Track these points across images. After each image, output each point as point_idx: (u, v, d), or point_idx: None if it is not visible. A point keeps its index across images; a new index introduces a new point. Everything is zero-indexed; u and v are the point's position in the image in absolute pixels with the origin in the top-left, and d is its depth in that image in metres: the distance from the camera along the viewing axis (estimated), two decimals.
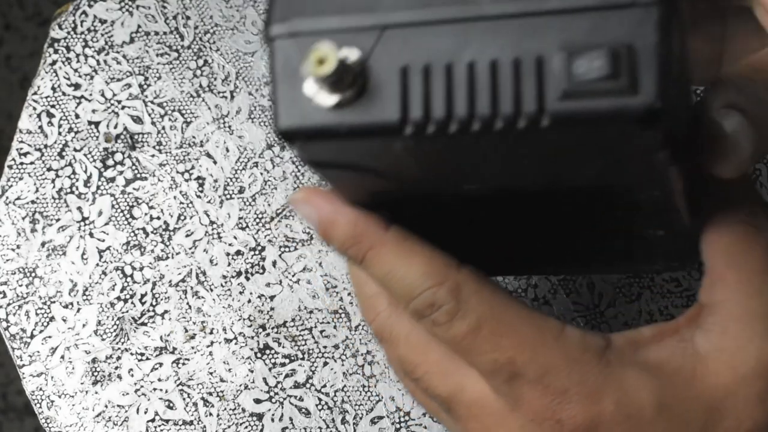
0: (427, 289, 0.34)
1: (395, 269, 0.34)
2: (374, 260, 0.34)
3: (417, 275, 0.34)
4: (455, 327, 0.34)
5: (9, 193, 0.55)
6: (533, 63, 0.28)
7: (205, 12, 0.57)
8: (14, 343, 0.53)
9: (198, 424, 0.53)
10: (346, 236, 0.34)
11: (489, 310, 0.34)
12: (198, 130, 0.56)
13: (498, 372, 0.34)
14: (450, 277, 0.34)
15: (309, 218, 0.35)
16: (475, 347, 0.34)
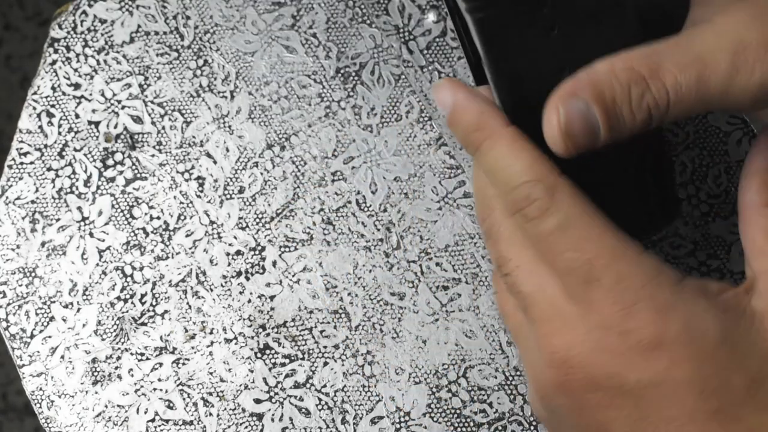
0: (526, 182, 0.37)
1: (503, 159, 0.37)
2: (488, 149, 0.38)
3: (521, 168, 0.37)
4: (545, 222, 0.36)
5: (9, 193, 0.55)
6: None
7: (205, 12, 0.57)
8: (14, 343, 0.53)
9: (198, 424, 0.53)
10: (471, 122, 0.38)
11: (579, 214, 0.36)
12: (198, 130, 0.56)
13: (575, 272, 0.36)
14: (550, 177, 0.37)
15: (444, 102, 0.40)
16: (560, 244, 0.36)
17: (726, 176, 0.55)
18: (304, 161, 0.55)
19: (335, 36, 0.56)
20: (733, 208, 0.55)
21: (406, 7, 0.57)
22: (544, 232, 0.37)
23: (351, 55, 0.56)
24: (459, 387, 0.53)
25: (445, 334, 0.53)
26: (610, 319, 0.35)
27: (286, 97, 0.56)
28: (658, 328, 0.35)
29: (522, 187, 0.37)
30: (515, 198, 0.37)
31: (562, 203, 0.36)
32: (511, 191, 0.37)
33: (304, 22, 0.57)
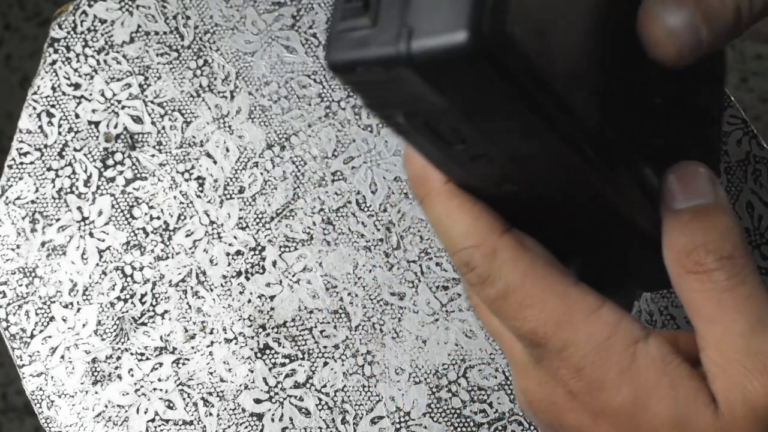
0: (464, 249, 0.35)
1: (443, 220, 0.36)
2: (427, 206, 0.36)
3: (460, 232, 0.35)
4: (485, 290, 0.35)
5: (9, 193, 0.55)
6: None
7: (205, 12, 0.57)
8: (14, 343, 0.53)
9: (198, 424, 0.53)
10: (413, 174, 0.37)
11: (519, 280, 0.35)
12: (198, 130, 0.56)
13: (522, 336, 0.35)
14: (488, 241, 0.35)
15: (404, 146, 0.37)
16: (502, 311, 0.35)
17: (726, 176, 0.55)
18: (304, 161, 0.55)
19: None
20: (733, 208, 0.55)
21: None
22: (486, 299, 0.35)
23: None
24: (459, 387, 0.53)
25: (445, 334, 0.53)
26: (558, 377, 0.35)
27: (286, 97, 0.56)
28: (602, 399, 0.34)
29: (461, 254, 0.36)
30: (457, 263, 0.36)
31: (500, 270, 0.35)
32: (454, 255, 0.36)
33: (304, 22, 0.57)
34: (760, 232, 0.55)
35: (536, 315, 0.34)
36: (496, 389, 0.53)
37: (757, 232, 0.55)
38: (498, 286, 0.35)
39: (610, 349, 0.34)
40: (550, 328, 0.34)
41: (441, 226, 0.36)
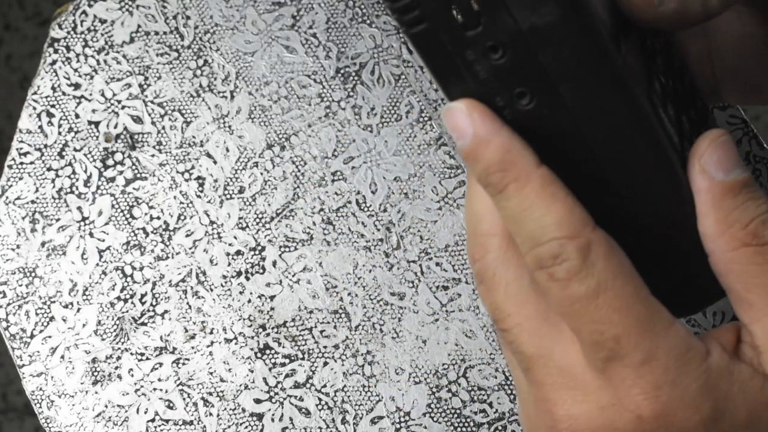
0: (557, 239, 0.32)
1: (533, 208, 0.32)
2: (516, 193, 0.33)
3: (552, 221, 0.32)
4: (572, 287, 0.32)
5: (9, 192, 0.55)
6: None
7: (205, 12, 0.57)
8: (14, 343, 0.53)
9: (198, 424, 0.53)
10: (495, 159, 0.33)
11: (612, 280, 0.32)
12: (198, 130, 0.56)
13: (600, 345, 0.32)
14: (584, 233, 0.32)
15: (460, 130, 0.33)
16: (586, 313, 0.32)
17: None
18: (304, 161, 0.55)
19: (335, 36, 0.56)
20: None
21: None
22: (571, 297, 0.32)
23: (351, 55, 0.56)
24: (459, 387, 0.53)
25: (445, 334, 0.53)
26: (628, 400, 0.32)
27: (286, 97, 0.56)
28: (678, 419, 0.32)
29: (551, 244, 0.32)
30: (541, 255, 0.33)
31: (594, 267, 0.32)
32: (538, 246, 0.33)
33: (304, 22, 0.57)
34: None
35: (623, 320, 0.32)
36: (496, 389, 0.53)
37: None
38: (589, 283, 0.32)
39: (689, 364, 0.33)
40: (634, 338, 0.32)
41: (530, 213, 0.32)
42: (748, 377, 0.33)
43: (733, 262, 0.33)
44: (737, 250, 0.33)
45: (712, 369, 0.33)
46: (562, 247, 0.32)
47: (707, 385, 0.33)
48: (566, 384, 0.34)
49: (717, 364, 0.33)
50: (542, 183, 0.33)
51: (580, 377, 0.33)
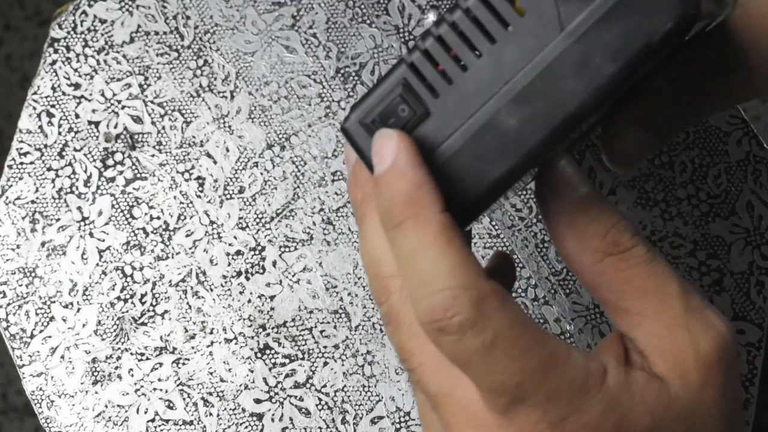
0: (447, 290, 0.31)
1: (428, 251, 0.32)
2: (413, 231, 0.32)
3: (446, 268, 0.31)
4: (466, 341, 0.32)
5: (9, 193, 0.55)
6: None
7: (205, 12, 0.57)
8: (14, 343, 0.53)
9: (198, 424, 0.53)
10: (403, 192, 0.32)
11: (508, 329, 0.32)
12: (198, 130, 0.56)
13: (501, 393, 0.32)
14: (478, 285, 0.31)
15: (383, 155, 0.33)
16: (484, 366, 0.32)
17: (726, 176, 0.55)
18: (304, 161, 0.55)
19: (335, 36, 0.56)
20: (733, 208, 0.55)
21: (406, 7, 0.57)
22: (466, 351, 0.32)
23: (351, 55, 0.56)
24: None
25: None
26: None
27: (286, 97, 0.56)
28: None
29: (441, 296, 0.31)
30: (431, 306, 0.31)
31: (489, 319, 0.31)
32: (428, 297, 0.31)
33: (304, 22, 0.57)
34: (760, 232, 0.55)
35: (524, 366, 0.32)
36: None
37: (757, 232, 0.55)
38: (485, 336, 0.31)
39: (590, 390, 0.33)
40: (536, 381, 0.32)
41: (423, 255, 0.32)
42: (644, 384, 0.34)
43: (601, 274, 0.34)
44: (602, 262, 0.33)
45: (611, 386, 0.33)
46: (453, 300, 0.31)
47: (609, 404, 0.33)
48: (470, 423, 0.34)
49: (615, 380, 0.33)
50: (441, 228, 0.32)
51: (481, 417, 0.33)
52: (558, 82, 0.32)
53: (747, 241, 0.54)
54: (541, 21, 0.32)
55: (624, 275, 0.34)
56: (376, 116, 0.34)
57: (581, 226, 0.34)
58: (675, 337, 0.33)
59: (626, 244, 0.34)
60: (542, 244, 0.54)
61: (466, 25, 0.32)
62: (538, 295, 0.54)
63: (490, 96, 0.32)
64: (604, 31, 0.31)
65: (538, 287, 0.54)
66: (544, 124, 0.32)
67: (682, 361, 0.33)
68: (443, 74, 0.33)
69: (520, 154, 0.32)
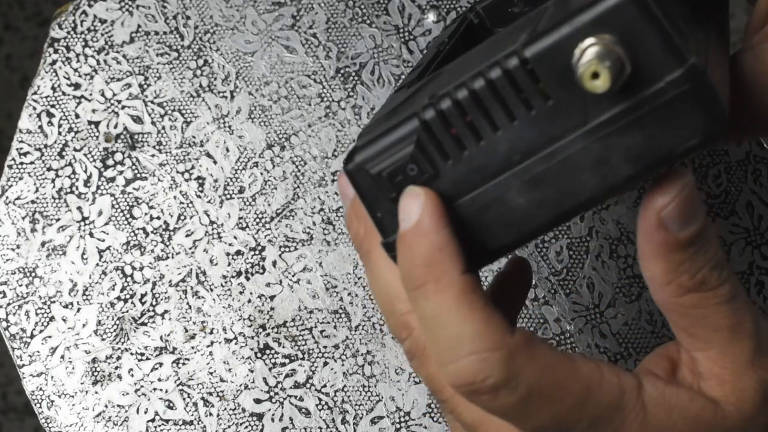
0: (476, 353, 0.31)
1: (450, 315, 0.31)
2: (434, 295, 0.32)
3: (470, 332, 0.31)
4: (501, 398, 0.31)
5: (9, 192, 0.55)
6: None
7: (205, 12, 0.57)
8: (14, 343, 0.53)
9: (198, 424, 0.53)
10: (424, 255, 0.32)
11: (541, 378, 0.31)
12: (198, 130, 0.56)
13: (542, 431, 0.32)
14: (505, 343, 0.31)
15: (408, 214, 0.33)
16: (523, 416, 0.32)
17: (726, 176, 0.55)
18: (304, 161, 0.55)
19: (335, 36, 0.56)
20: (733, 208, 0.55)
21: (406, 7, 0.57)
22: (503, 407, 0.31)
23: (351, 55, 0.56)
24: None
25: None
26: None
27: (286, 97, 0.56)
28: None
29: (470, 360, 0.31)
30: (460, 371, 0.31)
31: (521, 374, 0.31)
32: (456, 361, 0.31)
33: (304, 22, 0.57)
34: (760, 232, 0.55)
35: (562, 406, 0.32)
36: None
37: (757, 232, 0.55)
38: (520, 391, 0.31)
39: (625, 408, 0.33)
40: (575, 414, 0.32)
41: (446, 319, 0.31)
42: (687, 400, 0.33)
43: (679, 306, 0.33)
44: (683, 297, 0.33)
45: (646, 402, 0.33)
46: (482, 363, 0.31)
47: (646, 420, 0.33)
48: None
49: (651, 395, 0.33)
50: (462, 290, 0.32)
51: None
52: (574, 173, 0.31)
53: (747, 241, 0.54)
54: (566, 110, 0.31)
55: (702, 312, 0.33)
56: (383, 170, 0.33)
57: (676, 261, 0.32)
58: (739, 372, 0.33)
59: (713, 283, 0.33)
60: (542, 243, 0.54)
61: (487, 97, 0.31)
62: (538, 295, 0.54)
63: (503, 171, 0.32)
64: (628, 136, 0.30)
65: (538, 287, 0.54)
66: (552, 210, 0.31)
67: (741, 390, 0.33)
68: (457, 140, 0.32)
69: (523, 232, 0.32)
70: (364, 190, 0.34)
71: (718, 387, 0.34)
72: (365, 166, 0.33)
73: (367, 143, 0.33)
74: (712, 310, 0.33)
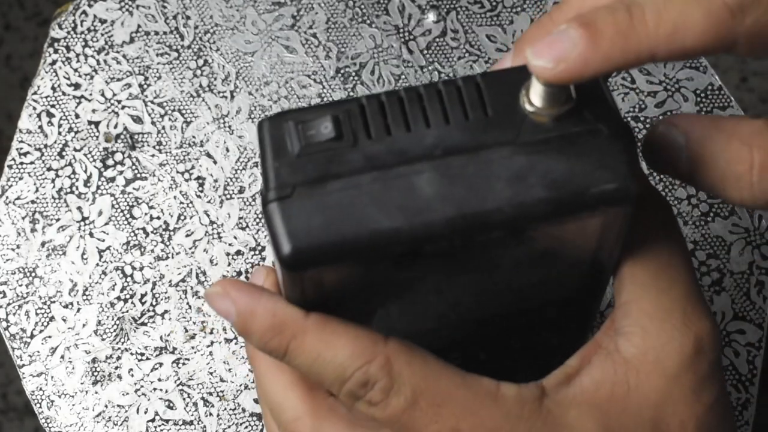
0: (358, 369, 0.33)
1: (322, 354, 0.33)
2: (299, 349, 0.33)
3: (345, 356, 0.33)
4: (392, 404, 0.33)
5: (9, 193, 0.55)
6: None
7: (205, 12, 0.57)
8: (14, 343, 0.53)
9: (198, 424, 0.53)
10: (265, 327, 0.33)
11: (423, 381, 0.33)
12: (198, 130, 0.56)
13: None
14: (378, 352, 0.33)
15: (227, 314, 0.34)
16: (416, 421, 0.33)
17: None
18: None
19: (335, 36, 0.56)
20: (733, 208, 0.55)
21: (406, 7, 0.57)
22: (396, 412, 0.33)
23: (351, 55, 0.56)
24: None
25: None
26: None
27: (286, 97, 0.56)
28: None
29: (356, 376, 0.33)
30: (352, 389, 0.33)
31: (402, 376, 0.33)
32: (345, 383, 0.33)
33: (304, 22, 0.57)
34: (760, 232, 0.55)
35: (453, 411, 0.33)
36: None
37: (757, 232, 0.55)
38: (405, 394, 0.33)
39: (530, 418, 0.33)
40: (471, 420, 0.33)
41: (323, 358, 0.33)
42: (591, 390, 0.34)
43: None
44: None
45: (550, 410, 0.33)
46: (366, 374, 0.33)
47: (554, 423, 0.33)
48: None
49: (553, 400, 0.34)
50: (318, 328, 0.33)
51: None
52: (489, 179, 0.31)
53: (747, 241, 0.54)
54: (501, 124, 0.32)
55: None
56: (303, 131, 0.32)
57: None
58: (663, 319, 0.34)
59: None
60: None
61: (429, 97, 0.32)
62: None
63: (421, 159, 0.32)
64: (552, 160, 0.31)
65: None
66: (454, 208, 0.31)
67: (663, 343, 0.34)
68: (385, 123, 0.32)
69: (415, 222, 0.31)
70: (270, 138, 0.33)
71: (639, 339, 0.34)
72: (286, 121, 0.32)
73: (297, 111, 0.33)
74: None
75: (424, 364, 0.33)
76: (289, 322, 0.33)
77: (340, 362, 0.33)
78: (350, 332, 0.33)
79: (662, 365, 0.33)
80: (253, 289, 0.34)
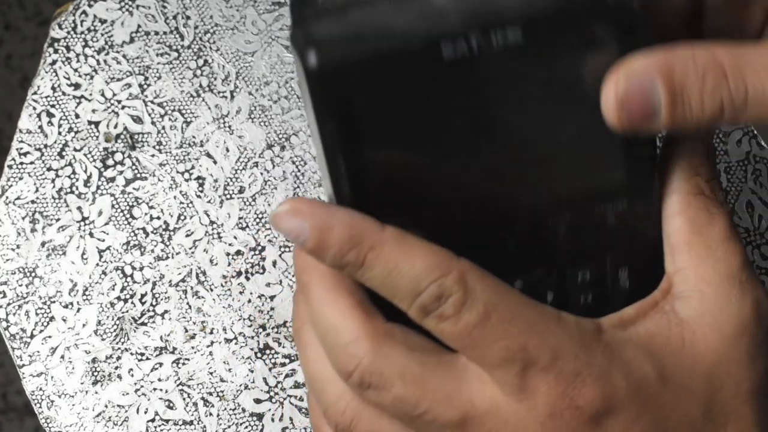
0: (434, 281, 0.33)
1: (399, 265, 0.33)
2: (376, 260, 0.33)
3: (422, 268, 0.33)
4: (464, 318, 0.33)
5: (9, 192, 0.55)
6: None
7: (205, 12, 0.57)
8: (14, 343, 0.53)
9: (198, 424, 0.53)
10: (344, 239, 0.33)
11: (495, 297, 0.33)
12: (198, 130, 0.56)
13: (510, 362, 0.33)
14: (454, 266, 0.33)
15: (299, 232, 0.34)
16: (486, 337, 0.33)
17: (726, 176, 0.55)
18: (304, 161, 0.55)
19: None
20: (732, 208, 0.55)
21: None
22: (468, 327, 0.33)
23: None
24: None
25: None
26: (559, 401, 0.33)
27: (286, 97, 0.56)
28: (606, 392, 0.33)
29: (431, 288, 0.33)
30: (425, 302, 0.33)
31: (475, 291, 0.33)
32: (419, 296, 0.33)
33: None
34: (760, 232, 0.55)
35: (521, 329, 0.33)
36: None
37: (757, 232, 0.55)
38: (478, 308, 0.33)
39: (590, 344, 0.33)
40: (537, 340, 0.33)
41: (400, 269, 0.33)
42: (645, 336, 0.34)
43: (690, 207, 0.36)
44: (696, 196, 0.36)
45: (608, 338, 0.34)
46: (441, 287, 0.33)
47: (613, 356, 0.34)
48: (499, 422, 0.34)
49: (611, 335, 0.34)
50: (396, 241, 0.33)
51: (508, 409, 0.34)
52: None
53: (747, 241, 0.54)
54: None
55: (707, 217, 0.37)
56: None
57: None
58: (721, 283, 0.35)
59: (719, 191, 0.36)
60: None
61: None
62: None
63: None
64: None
65: None
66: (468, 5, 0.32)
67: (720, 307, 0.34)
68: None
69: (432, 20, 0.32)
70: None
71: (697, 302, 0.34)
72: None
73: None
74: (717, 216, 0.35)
75: (494, 282, 0.33)
76: (367, 234, 0.33)
77: (416, 274, 0.33)
78: (426, 246, 0.33)
79: (720, 327, 0.34)
80: (323, 204, 0.34)
